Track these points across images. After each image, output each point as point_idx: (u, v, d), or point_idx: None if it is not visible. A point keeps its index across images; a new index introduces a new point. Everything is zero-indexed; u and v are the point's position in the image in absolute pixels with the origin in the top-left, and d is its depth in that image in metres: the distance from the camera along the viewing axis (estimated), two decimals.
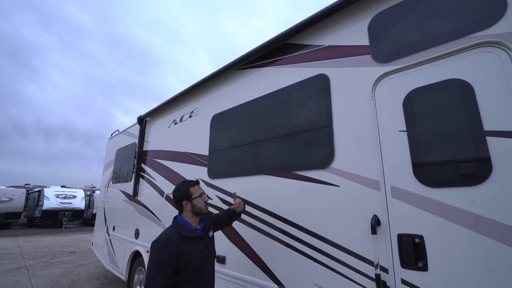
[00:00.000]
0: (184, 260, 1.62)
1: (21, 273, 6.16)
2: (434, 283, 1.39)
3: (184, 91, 3.59)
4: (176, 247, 1.61)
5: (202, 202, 1.89)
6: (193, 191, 1.89)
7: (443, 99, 1.54)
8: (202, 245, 1.79)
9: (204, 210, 1.90)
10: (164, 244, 1.61)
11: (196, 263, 1.68)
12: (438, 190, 1.45)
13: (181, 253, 1.62)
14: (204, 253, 1.77)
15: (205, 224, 1.94)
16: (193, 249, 1.69)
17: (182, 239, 1.69)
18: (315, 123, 2.11)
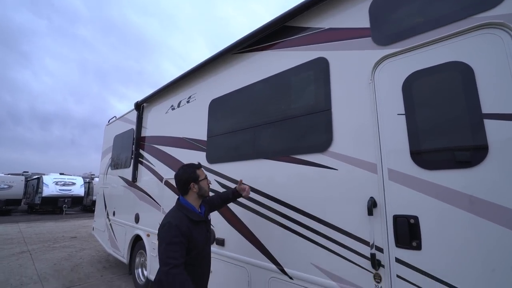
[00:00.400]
0: (192, 242, 1.68)
1: (24, 257, 6.28)
2: (427, 261, 1.44)
3: (181, 76, 3.54)
4: (188, 229, 1.66)
5: (207, 184, 1.93)
6: (199, 173, 1.91)
7: (443, 82, 1.54)
8: (204, 228, 1.84)
9: (207, 193, 1.95)
10: (177, 227, 1.64)
11: (201, 245, 1.74)
12: (434, 173, 1.48)
13: (191, 235, 1.67)
14: (205, 235, 1.83)
15: (205, 208, 1.99)
16: (199, 233, 1.75)
17: (191, 222, 1.72)
18: (313, 107, 2.10)
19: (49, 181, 17.29)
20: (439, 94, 1.54)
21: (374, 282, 1.62)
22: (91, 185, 19.11)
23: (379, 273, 1.61)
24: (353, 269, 1.71)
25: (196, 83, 3.42)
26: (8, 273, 5.07)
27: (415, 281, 1.46)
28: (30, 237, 8.76)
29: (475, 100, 1.40)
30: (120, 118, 5.53)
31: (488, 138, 1.34)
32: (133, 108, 4.69)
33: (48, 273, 5.11)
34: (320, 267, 1.88)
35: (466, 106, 1.44)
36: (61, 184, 17.66)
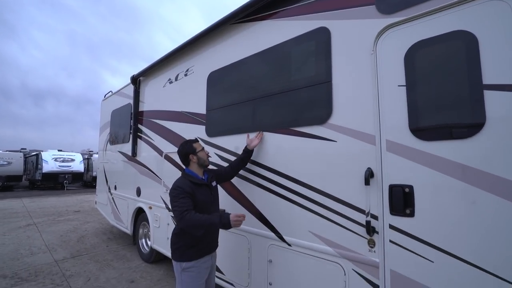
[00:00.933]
0: (195, 200, 1.98)
1: (31, 229, 6.50)
2: (419, 227, 1.52)
3: (178, 48, 3.44)
4: (191, 189, 1.99)
5: (205, 155, 2.20)
6: (196, 146, 2.19)
7: (445, 52, 1.52)
8: (207, 190, 2.14)
9: (206, 162, 2.21)
10: (182, 188, 1.97)
11: (203, 204, 2.03)
12: (431, 143, 1.51)
13: (194, 194, 1.99)
14: (210, 197, 2.13)
15: (208, 175, 2.26)
16: (201, 193, 2.06)
17: (193, 185, 2.04)
18: (314, 79, 2.08)
19: (48, 157, 17.37)
20: (441, 65, 1.53)
21: (368, 247, 1.72)
22: (90, 162, 19.26)
23: (373, 239, 1.70)
24: (349, 236, 1.81)
25: (193, 56, 3.33)
26: (17, 244, 5.28)
27: (406, 245, 1.55)
28: (34, 211, 8.99)
29: (476, 71, 1.39)
30: (116, 93, 5.44)
31: (486, 109, 1.36)
32: (130, 82, 4.61)
33: (56, 243, 5.33)
34: (317, 234, 1.97)
35: (467, 77, 1.43)
36: (60, 161, 17.77)
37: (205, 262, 2.03)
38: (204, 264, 2.01)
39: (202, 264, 1.99)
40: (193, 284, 1.94)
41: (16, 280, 3.62)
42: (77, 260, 4.42)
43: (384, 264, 1.63)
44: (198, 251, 1.99)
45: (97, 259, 4.46)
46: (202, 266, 1.99)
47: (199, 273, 1.97)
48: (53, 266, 4.13)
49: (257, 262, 2.37)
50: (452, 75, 1.48)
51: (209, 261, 2.08)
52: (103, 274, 3.85)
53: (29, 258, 4.47)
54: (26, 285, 3.47)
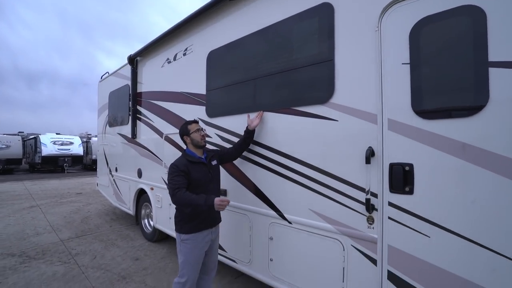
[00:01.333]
0: (191, 177, 2.10)
1: (35, 211, 6.61)
2: (417, 203, 1.56)
3: (176, 26, 3.33)
4: (185, 167, 2.10)
5: (199, 136, 2.23)
6: (190, 128, 2.26)
7: (452, 28, 1.48)
8: (205, 168, 2.21)
9: (200, 142, 2.24)
10: (177, 166, 2.11)
11: (199, 180, 2.13)
12: (433, 122, 1.51)
13: (188, 171, 2.10)
14: (207, 175, 2.20)
15: (207, 154, 2.33)
16: (197, 170, 2.16)
17: (189, 163, 2.15)
18: (316, 57, 2.04)
19: (46, 140, 17.32)
20: (446, 41, 1.50)
21: (367, 224, 1.77)
22: (89, 145, 19.24)
23: (372, 216, 1.75)
24: (348, 213, 1.85)
25: (192, 34, 3.23)
26: (22, 224, 5.40)
27: (404, 221, 1.60)
28: (37, 193, 9.11)
29: (483, 47, 1.37)
30: (113, 74, 5.34)
31: (490, 87, 1.35)
32: (127, 63, 4.50)
33: (60, 224, 5.44)
34: (317, 212, 2.02)
35: (472, 54, 1.41)
36: (59, 144, 17.75)
37: (204, 236, 2.14)
38: (201, 238, 2.13)
39: (198, 238, 2.11)
40: (189, 254, 2.10)
41: (24, 258, 3.73)
42: (82, 239, 4.54)
43: (382, 240, 1.68)
44: (196, 226, 2.11)
45: (102, 238, 4.58)
46: (198, 239, 2.11)
47: (196, 245, 2.10)
48: (59, 245, 4.25)
49: (259, 240, 2.45)
50: (457, 52, 1.46)
51: (208, 236, 2.18)
52: (108, 252, 3.97)
53: (35, 238, 4.59)
54: (35, 263, 3.59)
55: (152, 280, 3.13)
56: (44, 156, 16.64)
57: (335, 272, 1.91)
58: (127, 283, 3.06)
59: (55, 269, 3.40)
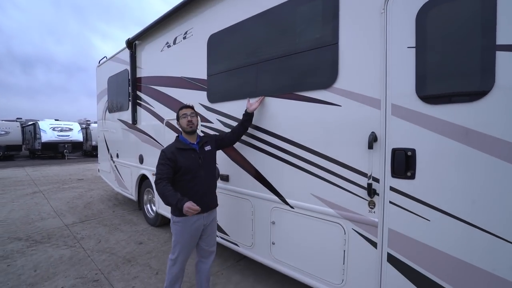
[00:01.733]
0: (177, 164, 2.11)
1: (38, 196, 6.69)
2: (418, 188, 1.57)
3: (175, 9, 3.23)
4: (172, 154, 2.12)
5: (185, 121, 2.21)
6: (179, 113, 2.28)
7: (459, 10, 1.44)
8: (194, 155, 2.20)
9: (186, 128, 2.22)
10: (164, 153, 2.15)
11: (187, 167, 2.13)
12: (437, 107, 1.50)
13: (175, 159, 2.11)
14: (196, 161, 2.19)
15: (200, 140, 2.32)
16: (185, 157, 2.15)
17: (177, 150, 2.16)
18: (320, 41, 2.00)
19: (45, 127, 17.26)
20: (454, 24, 1.46)
21: (368, 208, 1.80)
22: (88, 131, 19.20)
23: (373, 200, 1.77)
24: (350, 198, 1.88)
25: (192, 17, 3.15)
26: (27, 210, 5.48)
27: (405, 205, 1.62)
28: (38, 179, 9.18)
29: (491, 30, 1.34)
30: (111, 58, 5.24)
31: (496, 71, 1.33)
32: (125, 47, 4.41)
33: (63, 209, 5.52)
34: (319, 197, 2.05)
35: (480, 37, 1.38)
36: (58, 130, 17.70)
37: (194, 221, 2.15)
38: (191, 222, 2.14)
39: (188, 222, 2.13)
40: (179, 236, 2.16)
41: (31, 242, 3.82)
42: (86, 224, 4.62)
43: (383, 224, 1.72)
44: None
45: (105, 223, 4.67)
46: (188, 223, 2.14)
47: (185, 228, 2.14)
48: (64, 230, 4.33)
49: (261, 224, 2.50)
50: (464, 35, 1.42)
51: (199, 221, 2.17)
52: (112, 236, 4.05)
53: (40, 223, 4.67)
54: (41, 247, 3.68)
55: (156, 262, 3.21)
56: (44, 143, 16.64)
57: (336, 255, 1.96)
58: (132, 266, 3.15)
59: (61, 253, 3.48)
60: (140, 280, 2.84)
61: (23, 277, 2.90)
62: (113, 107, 5.31)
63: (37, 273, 2.97)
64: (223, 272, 2.99)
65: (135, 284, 2.77)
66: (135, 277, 2.91)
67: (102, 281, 2.83)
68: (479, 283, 1.40)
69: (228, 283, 2.80)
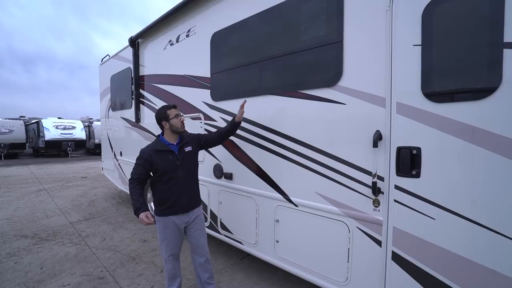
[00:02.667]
0: (154, 166, 2.13)
1: (42, 194, 6.75)
2: (423, 187, 1.57)
3: (178, 6, 3.22)
4: (149, 157, 2.13)
5: (179, 122, 2.19)
6: (169, 113, 2.20)
7: (466, 7, 1.42)
8: (172, 156, 2.17)
9: (180, 129, 2.20)
10: (142, 153, 2.17)
11: (163, 169, 2.13)
12: (443, 105, 1.49)
13: (151, 161, 2.12)
14: (173, 163, 2.16)
15: (181, 141, 2.28)
16: (162, 159, 2.14)
17: (154, 151, 2.16)
18: (324, 39, 1.99)
19: (49, 125, 17.36)
20: (461, 21, 1.45)
21: (373, 206, 1.80)
22: (91, 129, 19.28)
23: (378, 199, 1.77)
24: (355, 196, 1.88)
25: (195, 15, 3.14)
26: (32, 208, 5.53)
27: (410, 204, 1.62)
28: (43, 177, 9.25)
29: (498, 27, 1.32)
30: (114, 57, 5.25)
31: (504, 69, 1.32)
32: (128, 45, 4.41)
33: (68, 207, 5.57)
34: (323, 195, 2.05)
35: (487, 34, 1.37)
36: (61, 128, 17.79)
37: (172, 220, 2.17)
38: (170, 221, 2.17)
39: (167, 221, 2.17)
40: (162, 234, 2.21)
41: (37, 240, 3.86)
42: (91, 222, 4.66)
43: (387, 222, 1.72)
44: (162, 210, 2.17)
45: (109, 221, 4.70)
46: (167, 222, 2.17)
47: (165, 227, 2.18)
48: (69, 228, 4.37)
49: (265, 222, 2.50)
50: (471, 32, 1.41)
51: (178, 220, 2.18)
52: (116, 234, 4.09)
53: (45, 221, 4.72)
54: (47, 244, 3.72)
55: (160, 260, 3.24)
56: (47, 141, 16.75)
57: (340, 253, 1.97)
58: (137, 263, 3.18)
59: (67, 250, 3.52)
60: (145, 278, 2.87)
61: (30, 274, 2.94)
62: (116, 105, 5.32)
63: (44, 271, 3.01)
64: (227, 270, 3.01)
65: (140, 281, 2.80)
66: (140, 274, 2.94)
67: (107, 279, 2.86)
68: (483, 281, 1.40)
69: (232, 280, 2.81)
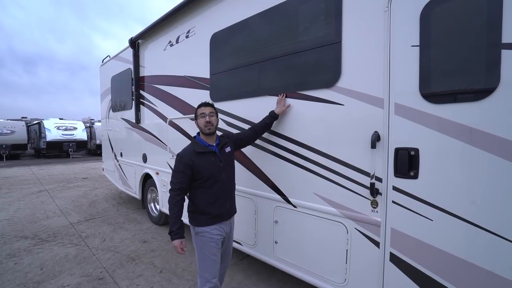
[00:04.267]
0: (197, 170, 1.92)
1: (43, 195, 6.77)
2: (421, 188, 1.56)
3: (177, 8, 3.24)
4: (190, 160, 1.92)
5: (203, 122, 2.01)
6: (197, 112, 2.06)
7: (465, 8, 1.42)
8: (214, 158, 2.00)
9: (204, 130, 2.01)
10: (180, 158, 1.95)
11: (208, 172, 1.94)
12: (441, 106, 1.48)
13: (194, 164, 1.91)
14: (217, 165, 2.00)
15: (220, 141, 2.11)
16: (204, 161, 1.95)
17: (195, 154, 1.95)
18: (323, 40, 1.99)
19: (50, 126, 17.43)
20: (459, 22, 1.44)
21: (371, 207, 1.79)
22: (92, 130, 19.36)
23: (376, 200, 1.77)
24: (353, 197, 1.87)
25: (194, 16, 3.15)
26: (33, 208, 5.55)
27: (408, 205, 1.61)
28: (44, 178, 9.29)
29: (497, 28, 1.32)
30: (115, 57, 5.27)
31: (502, 70, 1.31)
32: (128, 46, 4.43)
33: (69, 208, 5.59)
34: (322, 196, 2.05)
35: (485, 35, 1.36)
36: (63, 129, 17.86)
37: (218, 229, 2.00)
38: (215, 231, 1.98)
39: (213, 231, 1.97)
40: (204, 247, 1.97)
41: (37, 241, 3.87)
42: (91, 223, 4.67)
43: (385, 223, 1.71)
44: (209, 220, 1.97)
45: (110, 222, 4.71)
46: (213, 232, 1.97)
47: (211, 238, 1.96)
48: (69, 228, 4.39)
49: (263, 223, 2.50)
50: (469, 33, 1.41)
51: (223, 228, 2.03)
52: (116, 235, 4.10)
53: (46, 221, 4.73)
54: (47, 245, 3.73)
55: (160, 261, 3.24)
56: (49, 142, 16.81)
57: (339, 254, 1.96)
58: (137, 264, 3.18)
59: (67, 251, 3.53)
60: (144, 279, 2.87)
61: (30, 275, 2.95)
62: (117, 106, 5.34)
63: (43, 271, 3.02)
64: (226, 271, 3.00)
65: (139, 282, 2.80)
66: (139, 275, 2.94)
67: (107, 279, 2.86)
68: (480, 282, 1.39)
69: (231, 281, 2.81)
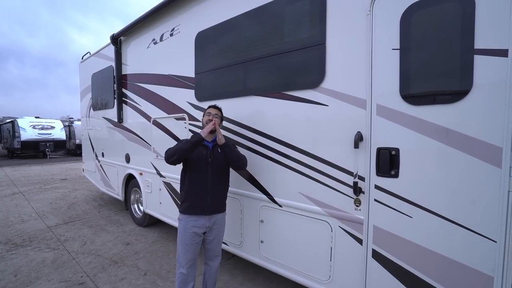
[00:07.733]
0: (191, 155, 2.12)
1: (18, 197, 6.43)
2: (402, 186, 1.63)
3: (161, 4, 3.17)
4: None
5: (206, 119, 2.24)
6: (205, 111, 2.31)
7: (442, 15, 1.49)
8: (206, 152, 2.16)
9: (204, 125, 2.23)
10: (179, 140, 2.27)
11: (194, 159, 2.13)
12: (419, 108, 1.55)
13: None
14: (205, 158, 2.15)
15: (215, 144, 2.24)
16: (197, 150, 2.13)
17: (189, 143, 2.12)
18: (307, 41, 2.02)
19: (25, 124, 16.56)
20: (436, 27, 1.51)
21: (354, 206, 1.84)
22: (71, 129, 18.59)
23: (359, 198, 1.82)
24: (337, 196, 1.92)
25: (179, 13, 3.10)
26: (6, 212, 5.25)
27: (389, 203, 1.67)
28: (18, 180, 8.82)
29: (470, 34, 1.39)
30: (95, 54, 5.09)
31: (474, 74, 1.38)
32: (109, 42, 4.29)
33: (46, 211, 5.34)
34: (307, 195, 2.08)
35: (459, 41, 1.43)
36: (39, 128, 17.02)
37: (195, 221, 2.09)
38: (192, 222, 2.09)
39: (189, 221, 2.09)
40: (180, 233, 2.13)
41: (10, 246, 3.67)
42: (70, 226, 4.49)
43: (368, 221, 1.76)
44: (187, 208, 2.12)
45: (90, 224, 4.55)
46: (189, 222, 2.09)
47: (185, 228, 2.09)
48: (47, 232, 4.19)
49: (249, 223, 2.51)
50: (445, 38, 1.48)
51: (200, 222, 2.09)
52: (98, 238, 3.96)
53: (21, 225, 4.50)
54: (22, 250, 3.54)
55: (144, 263, 3.17)
56: (23, 141, 15.96)
57: (323, 252, 2.00)
58: (119, 267, 3.10)
59: (44, 256, 3.37)
60: (127, 282, 2.79)
61: (2, 282, 2.79)
62: (98, 104, 5.16)
63: (18, 278, 2.87)
64: None
65: (122, 285, 2.73)
66: (122, 278, 2.86)
67: (87, 284, 2.76)
68: (458, 276, 1.47)
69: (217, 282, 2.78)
